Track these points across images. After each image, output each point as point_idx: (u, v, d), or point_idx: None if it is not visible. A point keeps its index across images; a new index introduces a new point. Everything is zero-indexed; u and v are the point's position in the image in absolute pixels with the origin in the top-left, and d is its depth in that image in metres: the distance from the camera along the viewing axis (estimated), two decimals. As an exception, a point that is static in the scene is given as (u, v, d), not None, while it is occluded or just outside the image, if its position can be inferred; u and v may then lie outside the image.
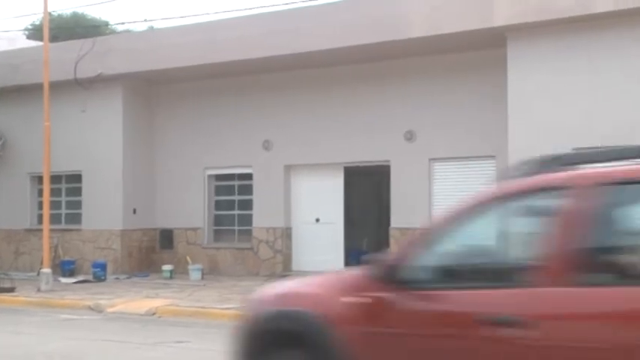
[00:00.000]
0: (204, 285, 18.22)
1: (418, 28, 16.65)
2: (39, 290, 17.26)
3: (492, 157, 17.12)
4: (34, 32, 31.40)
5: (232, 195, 21.35)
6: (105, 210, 21.06)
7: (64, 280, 19.49)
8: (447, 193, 17.88)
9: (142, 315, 14.39)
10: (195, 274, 19.50)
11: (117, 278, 19.89)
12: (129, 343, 11.46)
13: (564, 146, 15.09)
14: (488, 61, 16.96)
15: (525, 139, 15.61)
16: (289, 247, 20.19)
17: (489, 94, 16.97)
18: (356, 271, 6.07)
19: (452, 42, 16.85)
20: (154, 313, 14.47)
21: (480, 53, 17.16)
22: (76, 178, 21.87)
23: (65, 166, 21.37)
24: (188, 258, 20.51)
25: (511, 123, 15.84)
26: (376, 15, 17.22)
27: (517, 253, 5.93)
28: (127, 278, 19.98)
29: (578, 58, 15.25)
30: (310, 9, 18.27)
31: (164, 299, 15.65)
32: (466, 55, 17.43)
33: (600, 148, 10.08)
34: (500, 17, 15.71)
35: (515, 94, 15.83)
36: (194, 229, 21.33)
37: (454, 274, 5.72)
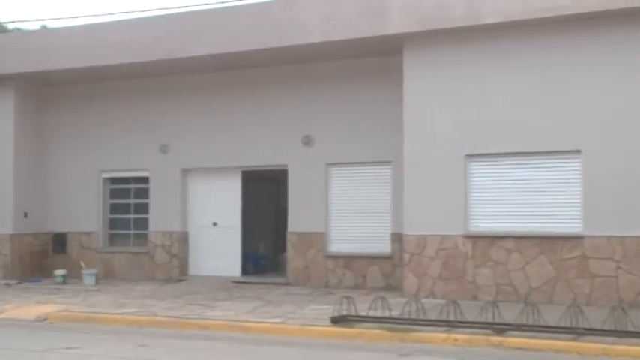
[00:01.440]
0: (98, 290, 17.89)
1: (316, 34, 16.81)
2: None
3: (388, 162, 17.42)
4: None
5: (128, 199, 21.03)
6: (-6, 214, 20.44)
7: (-49, 286, 18.78)
8: (343, 198, 18.12)
9: (32, 321, 14.01)
10: (89, 279, 19.12)
11: (7, 284, 19.29)
12: (16, 350, 11.14)
13: (457, 153, 15.60)
14: (384, 67, 17.26)
15: (420, 145, 15.96)
16: (186, 252, 20.03)
17: (386, 100, 17.26)
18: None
19: (348, 48, 17.09)
20: (45, 319, 14.11)
21: (377, 60, 17.45)
22: (-36, 180, 21.13)
23: (-48, 168, 20.63)
24: (82, 262, 20.07)
25: (406, 129, 16.16)
26: (275, 20, 17.29)
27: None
28: (18, 283, 19.40)
29: (470, 67, 15.68)
30: (208, 12, 18.15)
31: (56, 305, 15.28)
32: (363, 61, 17.69)
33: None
34: (395, 25, 16.01)
35: (410, 100, 16.16)
36: (88, 233, 20.91)
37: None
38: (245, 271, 19.75)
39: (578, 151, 14.63)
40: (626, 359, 9.94)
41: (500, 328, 11.19)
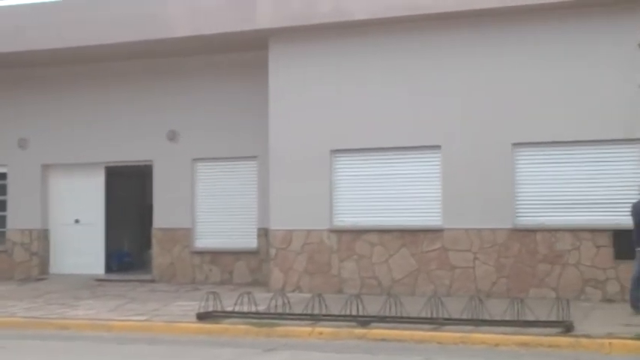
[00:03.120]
0: (-49, 291, 17.09)
1: (181, 28, 16.61)
2: None
3: (255, 157, 17.42)
4: None
5: (-16, 195, 20.20)
6: None
7: None
8: (209, 194, 18.00)
9: None
10: (-59, 280, 18.26)
11: None
12: None
13: (323, 149, 15.77)
14: (251, 63, 17.23)
15: (285, 141, 16.04)
16: (47, 250, 19.41)
17: (252, 95, 17.23)
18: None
19: (215, 43, 16.96)
20: None
21: (244, 55, 17.41)
22: None
23: None
24: None
25: (272, 125, 16.21)
26: (141, 13, 16.94)
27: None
28: None
29: (336, 63, 15.87)
30: (72, 3, 17.62)
31: None
32: (231, 56, 17.61)
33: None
34: (263, 20, 16.02)
35: (276, 96, 16.22)
36: (-59, 232, 19.96)
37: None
38: (109, 268, 19.33)
39: (438, 147, 15.06)
40: (483, 347, 10.31)
41: (364, 321, 11.40)
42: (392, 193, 15.44)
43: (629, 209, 12.46)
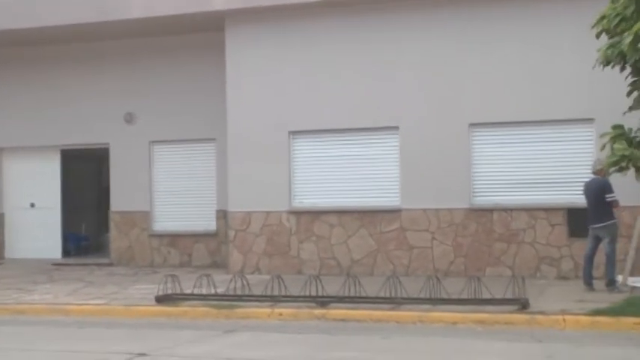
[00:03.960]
0: None
1: (136, 9, 16.45)
2: None
3: (213, 139, 17.35)
4: None
5: (-63, 180, 19.86)
6: None
7: None
8: (167, 176, 17.92)
9: None
10: None
11: None
12: None
13: (282, 131, 15.76)
14: (209, 44, 17.11)
15: (243, 122, 16.01)
16: (2, 234, 19.20)
17: (210, 77, 17.14)
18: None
19: (172, 24, 16.82)
20: None
21: (201, 36, 17.29)
22: None
23: None
24: None
25: (229, 106, 16.15)
26: (94, -7, 16.77)
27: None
28: None
29: (294, 45, 15.84)
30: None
31: None
32: (188, 37, 17.47)
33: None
34: (218, 1, 15.92)
35: (233, 78, 16.16)
36: None
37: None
38: (66, 252, 19.19)
39: (395, 128, 15.14)
40: (441, 325, 10.44)
41: (323, 301, 11.46)
42: (350, 174, 15.51)
43: (582, 188, 12.68)
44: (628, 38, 10.07)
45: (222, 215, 17.01)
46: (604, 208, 12.24)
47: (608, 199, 12.19)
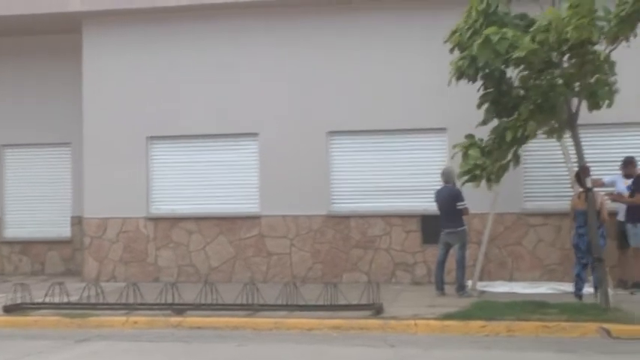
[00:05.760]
0: None
1: (-10, 8, 15.83)
2: None
3: (68, 144, 16.88)
4: None
5: None
6: None
7: None
8: (19, 181, 17.31)
9: None
10: None
11: None
12: None
13: (139, 136, 15.52)
14: (66, 45, 16.59)
15: (100, 127, 15.66)
16: None
17: (67, 80, 16.63)
18: None
19: (27, 24, 16.25)
20: None
21: (58, 37, 16.77)
22: None
23: None
24: None
25: (85, 110, 15.77)
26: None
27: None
28: None
29: (151, 50, 15.61)
30: None
31: None
32: (44, 38, 16.92)
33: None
34: (75, 2, 15.51)
35: (90, 81, 15.78)
36: None
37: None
38: None
39: (255, 134, 15.18)
40: (297, 332, 10.54)
41: (180, 309, 11.36)
42: (210, 180, 15.43)
43: (434, 196, 13.10)
44: (478, 41, 10.45)
45: (78, 221, 16.56)
46: (455, 216, 12.68)
47: (459, 207, 12.65)
